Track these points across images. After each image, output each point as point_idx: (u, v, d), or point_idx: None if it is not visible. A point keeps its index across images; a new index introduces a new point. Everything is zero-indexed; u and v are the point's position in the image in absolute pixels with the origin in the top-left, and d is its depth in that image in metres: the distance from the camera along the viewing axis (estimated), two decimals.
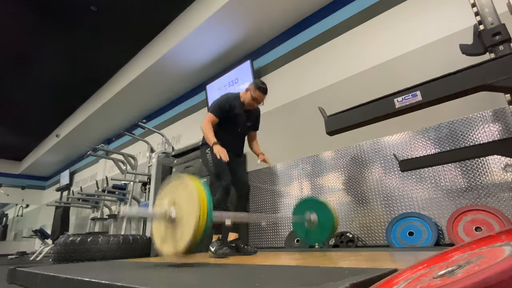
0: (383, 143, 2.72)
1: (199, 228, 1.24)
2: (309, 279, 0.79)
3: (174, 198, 1.38)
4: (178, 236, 1.31)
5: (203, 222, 1.26)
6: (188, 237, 1.24)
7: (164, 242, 1.42)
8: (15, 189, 10.61)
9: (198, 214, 1.23)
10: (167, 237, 1.39)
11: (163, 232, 1.43)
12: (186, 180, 1.36)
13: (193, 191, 1.29)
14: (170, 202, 1.39)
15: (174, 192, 1.40)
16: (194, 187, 1.30)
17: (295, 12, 3.74)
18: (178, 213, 1.34)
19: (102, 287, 0.91)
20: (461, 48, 1.87)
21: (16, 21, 4.33)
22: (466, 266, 0.47)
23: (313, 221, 2.21)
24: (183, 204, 1.32)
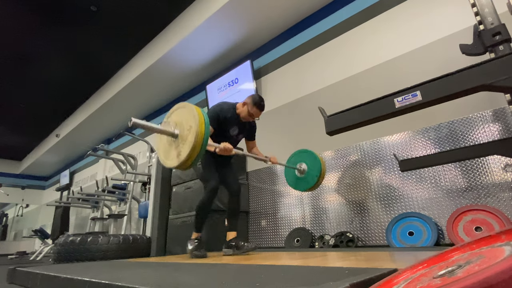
0: (383, 143, 2.72)
1: (197, 142, 1.45)
2: (309, 279, 0.79)
3: (178, 118, 1.58)
4: (180, 150, 1.51)
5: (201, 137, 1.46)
6: (189, 148, 1.44)
7: (168, 157, 1.60)
8: (15, 189, 10.62)
9: (197, 130, 1.44)
10: (171, 151, 1.58)
11: (167, 147, 1.61)
12: (190, 106, 1.57)
13: (195, 114, 1.50)
14: (175, 122, 1.59)
15: (179, 114, 1.60)
16: (196, 111, 1.51)
17: (294, 12, 3.74)
18: (181, 130, 1.55)
19: (102, 287, 0.91)
20: (461, 48, 1.87)
21: (16, 21, 4.33)
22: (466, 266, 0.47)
23: (303, 170, 2.52)
24: (186, 123, 1.52)
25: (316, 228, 2.97)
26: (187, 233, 3.11)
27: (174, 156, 1.56)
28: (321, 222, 2.95)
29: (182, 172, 3.47)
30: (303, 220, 3.10)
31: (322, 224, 2.94)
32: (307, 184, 2.49)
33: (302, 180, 2.53)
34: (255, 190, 3.63)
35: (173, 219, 3.39)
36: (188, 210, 3.20)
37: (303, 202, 3.15)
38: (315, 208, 3.03)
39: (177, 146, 1.54)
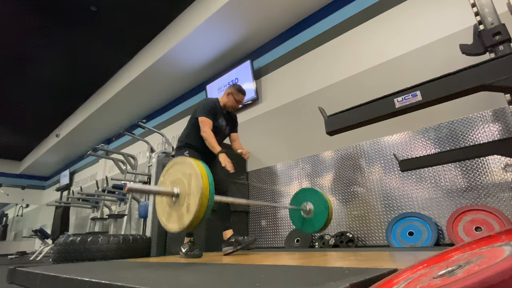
0: (383, 143, 2.72)
1: (203, 203, 1.30)
2: (309, 279, 0.79)
3: (178, 176, 1.45)
4: (183, 212, 1.36)
5: (206, 198, 1.31)
6: (194, 211, 1.29)
7: (169, 220, 1.46)
8: (15, 189, 10.62)
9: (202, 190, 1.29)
10: (172, 214, 1.44)
11: (167, 209, 1.48)
12: (189, 161, 1.44)
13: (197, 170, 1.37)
14: (174, 180, 1.46)
15: (178, 171, 1.47)
16: (198, 166, 1.38)
17: (294, 12, 3.74)
18: (182, 190, 1.40)
19: (102, 287, 0.91)
20: (461, 48, 1.87)
21: (16, 21, 4.33)
22: (466, 266, 0.47)
23: (309, 211, 2.33)
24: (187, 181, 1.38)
25: None
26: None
27: (175, 220, 1.41)
28: None
29: None
30: None
31: None
32: (315, 227, 2.29)
33: (309, 222, 2.33)
34: (255, 190, 3.63)
35: None
36: None
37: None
38: None
39: (179, 208, 1.39)
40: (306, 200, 2.37)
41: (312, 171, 3.17)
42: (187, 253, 2.04)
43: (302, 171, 3.26)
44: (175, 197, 1.42)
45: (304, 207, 2.34)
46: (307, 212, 2.33)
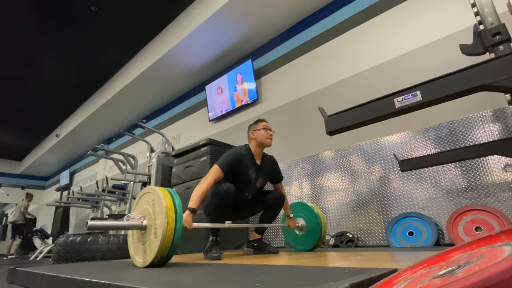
0: (383, 143, 2.72)
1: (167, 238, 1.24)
2: (309, 279, 0.79)
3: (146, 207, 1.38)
4: (151, 240, 1.30)
5: (172, 220, 1.26)
6: (157, 248, 1.24)
7: (136, 253, 1.41)
8: (15, 189, 10.62)
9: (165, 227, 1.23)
10: (139, 247, 1.39)
11: (136, 241, 1.42)
12: (152, 188, 1.37)
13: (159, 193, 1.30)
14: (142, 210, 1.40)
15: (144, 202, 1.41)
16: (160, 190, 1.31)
17: (295, 12, 3.74)
18: (149, 223, 1.34)
19: (102, 287, 0.91)
20: (461, 48, 1.87)
21: (16, 21, 4.33)
22: (466, 266, 0.47)
23: (301, 227, 2.21)
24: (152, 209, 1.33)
25: None
26: (187, 233, 3.11)
27: (141, 254, 1.33)
28: None
29: (182, 172, 3.47)
30: None
31: None
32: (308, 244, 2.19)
33: (302, 239, 2.23)
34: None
35: None
36: None
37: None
38: None
39: (145, 241, 1.32)
40: (298, 216, 2.25)
41: (312, 171, 3.17)
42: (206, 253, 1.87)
43: (302, 171, 3.26)
44: (143, 230, 1.35)
45: (297, 223, 2.21)
46: (300, 229, 2.22)
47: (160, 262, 1.30)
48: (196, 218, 3.20)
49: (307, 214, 2.21)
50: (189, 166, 3.42)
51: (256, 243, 2.14)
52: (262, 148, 2.07)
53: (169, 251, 1.29)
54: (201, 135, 4.74)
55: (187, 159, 3.50)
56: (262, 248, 2.11)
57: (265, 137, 2.03)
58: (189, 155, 3.49)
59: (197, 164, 3.32)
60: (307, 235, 2.19)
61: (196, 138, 4.75)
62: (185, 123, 5.38)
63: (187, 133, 5.24)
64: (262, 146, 2.06)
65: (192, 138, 4.98)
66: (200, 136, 4.71)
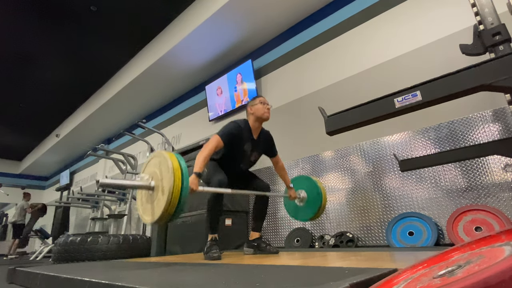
0: (383, 143, 2.72)
1: (174, 195, 1.31)
2: (309, 279, 0.79)
3: (153, 169, 1.47)
4: (155, 205, 1.39)
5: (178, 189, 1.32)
6: (164, 204, 1.31)
7: (145, 211, 1.49)
8: (15, 189, 10.61)
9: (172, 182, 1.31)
10: (147, 206, 1.48)
11: (144, 201, 1.51)
12: (159, 152, 1.49)
13: (165, 155, 1.40)
14: (150, 173, 1.49)
15: (154, 165, 1.49)
16: (170, 159, 1.40)
17: (295, 12, 3.74)
18: (156, 183, 1.43)
19: (102, 287, 0.91)
20: (461, 48, 1.87)
21: (16, 21, 4.33)
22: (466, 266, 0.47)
23: (302, 198, 2.28)
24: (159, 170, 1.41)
25: (316, 228, 2.97)
26: (187, 233, 3.12)
27: (149, 212, 1.44)
28: (321, 222, 2.95)
29: None
30: None
31: (322, 224, 2.94)
32: (307, 215, 2.26)
33: (302, 210, 2.31)
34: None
35: None
36: (188, 210, 3.20)
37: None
38: None
39: (153, 200, 1.42)
40: (300, 188, 2.32)
41: (312, 171, 3.17)
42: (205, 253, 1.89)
43: (302, 171, 3.26)
44: (151, 190, 1.44)
45: (298, 194, 2.29)
46: (301, 200, 2.30)
47: (168, 219, 1.35)
48: (196, 219, 3.20)
49: (308, 185, 2.28)
50: (189, 166, 3.41)
51: (256, 243, 2.14)
52: (260, 123, 2.13)
53: (176, 208, 1.33)
54: (201, 135, 4.74)
55: (187, 159, 3.50)
56: (262, 248, 2.11)
57: (263, 111, 2.08)
58: (189, 155, 3.49)
59: None
60: (307, 205, 2.26)
61: (196, 138, 4.75)
62: (185, 123, 5.38)
63: (187, 133, 5.24)
64: (260, 120, 2.10)
65: (192, 138, 4.98)
66: (200, 136, 4.70)
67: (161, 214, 1.31)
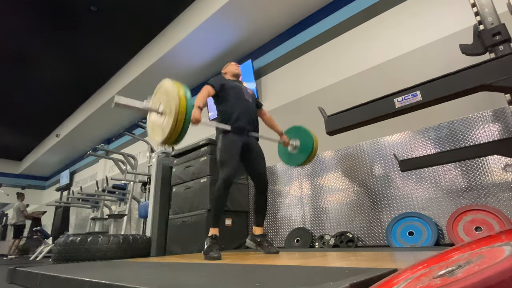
0: (383, 143, 2.72)
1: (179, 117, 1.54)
2: (309, 279, 0.79)
3: (162, 95, 1.69)
4: (164, 126, 1.61)
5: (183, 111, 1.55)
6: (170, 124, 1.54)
7: (155, 133, 1.70)
8: (15, 189, 10.60)
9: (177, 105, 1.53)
10: (157, 128, 1.68)
11: (154, 124, 1.72)
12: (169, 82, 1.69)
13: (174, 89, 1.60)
14: (159, 98, 1.70)
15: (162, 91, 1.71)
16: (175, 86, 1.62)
17: (295, 12, 3.74)
18: (164, 107, 1.65)
19: (102, 287, 0.91)
20: (461, 48, 1.87)
21: (16, 21, 4.33)
22: (466, 266, 0.47)
23: (295, 147, 2.53)
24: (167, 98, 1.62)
25: (316, 228, 2.97)
26: (187, 233, 3.12)
27: (159, 133, 1.66)
28: (321, 222, 2.95)
29: (182, 172, 3.48)
30: (303, 220, 3.10)
31: (322, 224, 2.94)
32: (298, 160, 2.53)
33: (294, 156, 2.56)
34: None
35: (173, 219, 3.39)
36: (188, 210, 3.20)
37: (303, 202, 3.15)
38: (315, 208, 3.03)
39: (162, 122, 1.64)
40: (294, 137, 2.55)
41: (312, 171, 3.17)
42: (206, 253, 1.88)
43: (302, 171, 3.25)
44: (160, 114, 1.66)
45: (291, 143, 2.52)
46: (294, 148, 2.53)
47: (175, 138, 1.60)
48: (196, 219, 3.20)
49: (300, 133, 2.55)
50: (189, 166, 3.42)
51: (260, 239, 2.14)
52: (235, 77, 2.40)
53: (182, 129, 1.58)
54: (201, 135, 4.73)
55: (187, 159, 3.50)
56: (264, 246, 2.11)
57: (234, 68, 2.41)
58: (189, 155, 3.49)
59: (197, 164, 3.32)
60: (301, 151, 2.51)
61: (196, 138, 4.75)
62: None
63: (187, 133, 5.23)
64: (235, 75, 2.39)
65: (192, 138, 4.98)
66: (200, 136, 4.70)
67: (168, 133, 1.55)
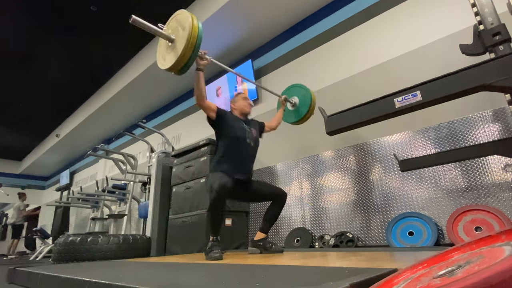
0: (383, 143, 2.72)
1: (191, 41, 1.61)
2: (309, 279, 0.79)
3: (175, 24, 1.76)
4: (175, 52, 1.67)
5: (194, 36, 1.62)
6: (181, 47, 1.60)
7: (165, 59, 1.75)
8: (15, 189, 10.61)
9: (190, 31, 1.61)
10: (167, 55, 1.74)
11: (164, 52, 1.78)
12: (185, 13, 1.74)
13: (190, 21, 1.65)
14: (172, 27, 1.77)
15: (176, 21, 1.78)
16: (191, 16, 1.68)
17: (295, 12, 3.74)
18: (176, 35, 1.71)
19: (102, 287, 0.91)
20: (461, 48, 1.87)
21: (16, 21, 4.33)
22: (466, 266, 0.47)
23: (294, 104, 2.65)
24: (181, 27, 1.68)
25: (316, 228, 2.97)
26: (187, 233, 3.12)
27: (169, 59, 1.72)
28: (321, 222, 2.95)
29: (182, 172, 3.47)
30: (303, 220, 3.10)
31: (322, 224, 2.94)
32: (297, 116, 2.63)
33: (293, 113, 2.67)
34: None
35: (173, 219, 3.39)
36: (188, 210, 3.20)
37: (303, 202, 3.15)
38: (315, 208, 3.03)
39: (173, 49, 1.70)
40: (292, 95, 2.67)
41: (312, 171, 3.17)
42: (207, 253, 1.88)
43: (302, 171, 3.26)
44: (171, 42, 1.71)
45: (290, 100, 2.63)
46: (292, 105, 2.64)
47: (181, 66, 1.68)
48: (196, 219, 3.19)
49: (300, 91, 2.66)
50: (189, 166, 3.42)
51: (262, 242, 2.14)
52: (243, 116, 2.34)
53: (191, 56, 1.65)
54: (201, 135, 4.73)
55: (187, 159, 3.50)
56: (267, 247, 2.11)
57: (244, 105, 2.34)
58: (189, 155, 3.49)
59: (197, 164, 3.32)
60: (300, 106, 2.62)
61: (196, 138, 4.75)
62: (185, 123, 5.38)
63: (187, 133, 5.24)
64: (243, 114, 2.33)
65: (192, 138, 4.98)
66: (200, 136, 4.70)
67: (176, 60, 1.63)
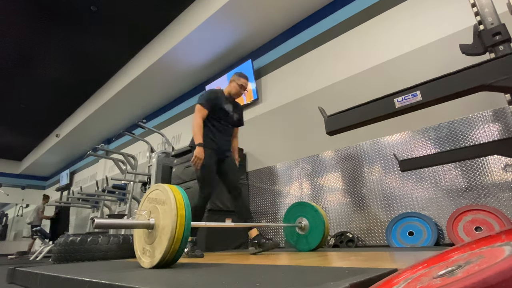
0: (383, 143, 2.72)
1: (178, 233, 1.19)
2: (309, 279, 0.79)
3: (153, 205, 1.33)
4: (155, 246, 1.26)
5: (182, 226, 1.20)
6: (166, 244, 1.19)
7: (144, 252, 1.35)
8: (15, 189, 10.63)
9: (174, 226, 1.18)
10: (146, 246, 1.33)
11: (142, 241, 1.37)
12: (163, 186, 1.32)
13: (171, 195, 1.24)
14: (149, 208, 1.36)
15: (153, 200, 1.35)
16: (173, 191, 1.26)
17: (295, 12, 3.74)
18: (156, 220, 1.27)
19: (102, 287, 0.91)
20: (461, 48, 1.87)
21: (17, 21, 4.33)
22: (466, 266, 0.47)
23: (304, 227, 2.16)
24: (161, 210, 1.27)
25: None
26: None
27: (147, 254, 1.29)
28: None
29: (182, 172, 3.47)
30: None
31: None
32: (311, 244, 2.13)
33: (305, 238, 2.17)
34: (255, 190, 3.63)
35: None
36: None
37: None
38: None
39: (153, 240, 1.27)
40: (300, 216, 2.20)
41: (312, 171, 3.17)
42: (188, 253, 2.07)
43: (302, 171, 3.26)
44: (150, 229, 1.29)
45: (299, 223, 2.17)
46: (302, 229, 2.17)
47: (168, 262, 1.25)
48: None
49: (311, 213, 2.15)
50: (189, 166, 3.42)
51: (256, 240, 2.15)
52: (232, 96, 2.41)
53: (179, 248, 1.22)
54: None
55: (187, 159, 3.50)
56: (262, 243, 2.12)
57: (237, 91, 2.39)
58: (189, 155, 3.48)
59: None
60: (310, 234, 2.14)
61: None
62: (185, 123, 5.39)
63: (187, 133, 5.24)
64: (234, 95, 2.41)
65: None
66: None
67: (160, 259, 1.20)
